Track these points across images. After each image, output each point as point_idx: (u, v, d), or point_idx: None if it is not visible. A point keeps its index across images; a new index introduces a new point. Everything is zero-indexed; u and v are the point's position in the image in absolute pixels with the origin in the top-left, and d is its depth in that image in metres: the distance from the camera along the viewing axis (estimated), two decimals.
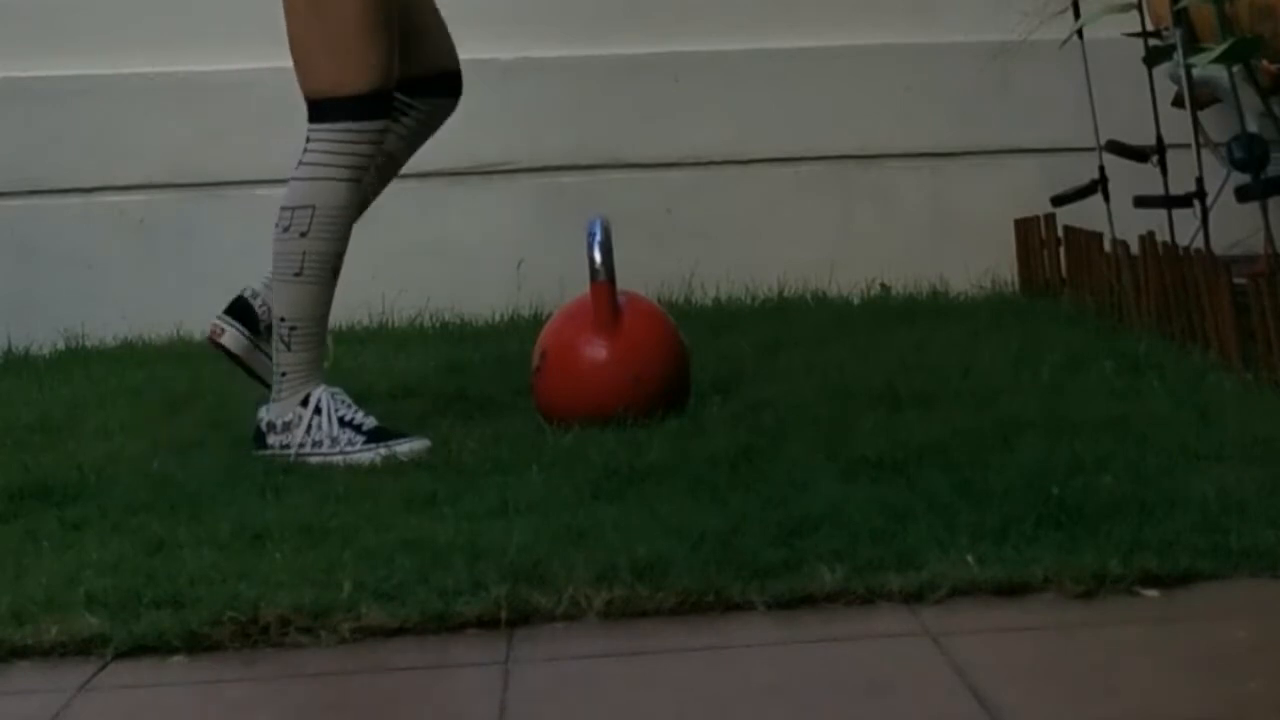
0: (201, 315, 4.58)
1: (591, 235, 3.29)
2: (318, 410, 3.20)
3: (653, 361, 3.30)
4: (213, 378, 3.91)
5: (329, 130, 3.18)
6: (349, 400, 3.23)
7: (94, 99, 4.72)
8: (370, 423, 3.19)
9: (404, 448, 3.14)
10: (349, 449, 3.17)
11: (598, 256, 3.27)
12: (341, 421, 3.19)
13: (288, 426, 3.20)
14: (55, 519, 2.81)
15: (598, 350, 3.28)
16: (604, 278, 3.28)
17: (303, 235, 3.18)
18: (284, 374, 3.23)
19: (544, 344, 3.34)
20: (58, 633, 2.30)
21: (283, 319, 3.23)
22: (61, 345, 4.55)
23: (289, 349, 3.22)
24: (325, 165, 3.18)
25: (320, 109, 3.19)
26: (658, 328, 3.37)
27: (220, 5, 4.74)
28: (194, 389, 3.82)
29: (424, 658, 2.24)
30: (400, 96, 3.33)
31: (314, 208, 3.18)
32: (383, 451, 3.14)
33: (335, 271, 3.23)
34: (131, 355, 4.39)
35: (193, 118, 4.72)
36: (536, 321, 4.12)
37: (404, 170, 3.50)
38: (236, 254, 4.63)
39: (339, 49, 3.16)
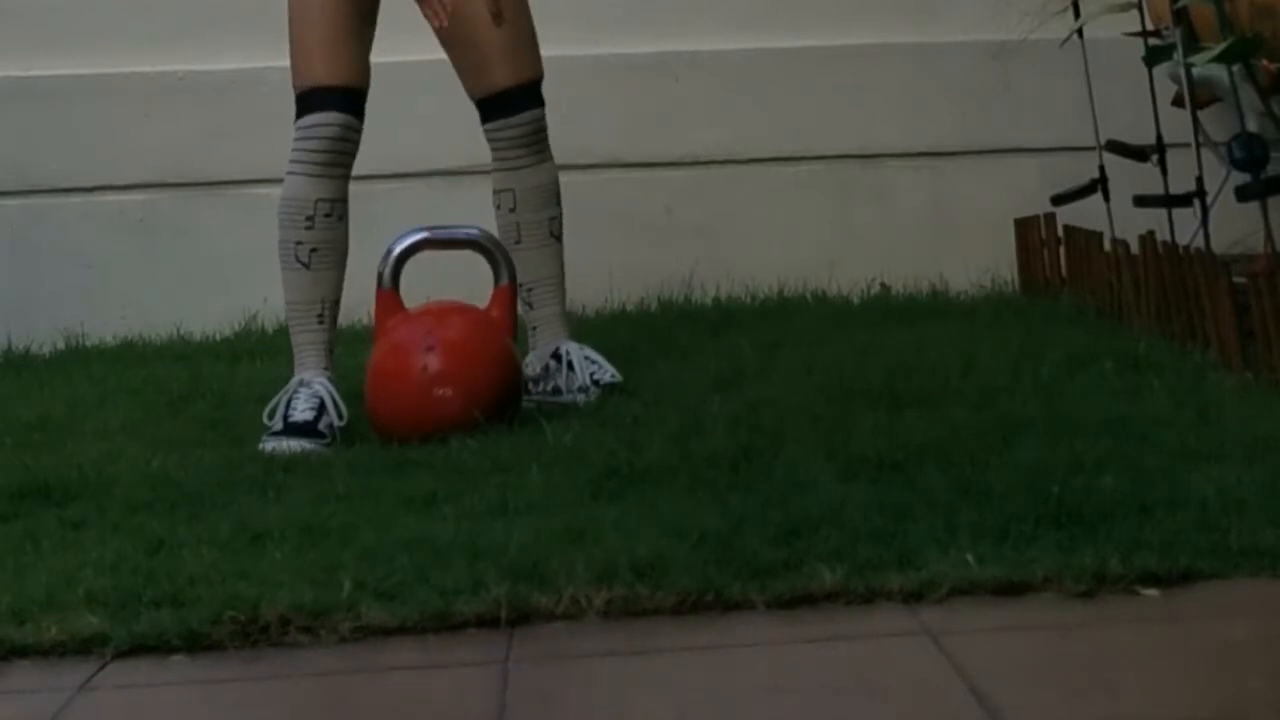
0: (201, 315, 4.62)
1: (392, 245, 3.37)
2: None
3: (391, 368, 3.32)
4: (213, 378, 3.91)
5: None
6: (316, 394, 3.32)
7: (94, 99, 4.72)
8: (300, 417, 3.27)
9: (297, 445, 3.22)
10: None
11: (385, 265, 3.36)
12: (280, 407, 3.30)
13: None
14: (55, 519, 2.81)
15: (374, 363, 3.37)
16: (384, 286, 3.36)
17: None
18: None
19: None
20: (58, 632, 2.30)
21: None
22: (61, 345, 4.54)
23: None
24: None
25: None
26: (409, 329, 3.38)
27: (220, 5, 4.74)
28: (194, 389, 3.81)
29: (424, 657, 2.24)
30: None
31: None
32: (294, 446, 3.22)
33: (298, 259, 3.36)
34: (131, 355, 4.39)
35: (193, 118, 4.72)
36: None
37: (404, 170, 3.51)
38: (236, 254, 4.65)
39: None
